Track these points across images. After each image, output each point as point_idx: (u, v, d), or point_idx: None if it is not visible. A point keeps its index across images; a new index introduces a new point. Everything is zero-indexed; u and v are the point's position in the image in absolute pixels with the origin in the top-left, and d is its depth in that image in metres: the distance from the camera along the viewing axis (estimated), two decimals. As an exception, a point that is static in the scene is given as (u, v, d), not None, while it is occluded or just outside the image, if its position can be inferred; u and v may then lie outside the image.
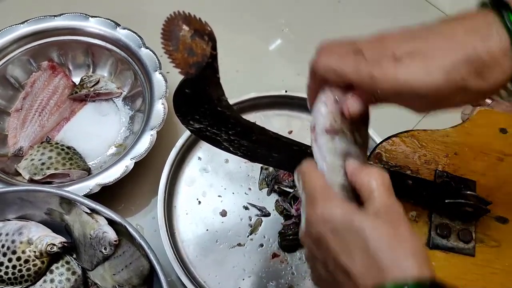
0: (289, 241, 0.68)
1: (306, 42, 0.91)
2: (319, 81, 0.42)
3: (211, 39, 0.38)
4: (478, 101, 0.39)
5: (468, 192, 0.53)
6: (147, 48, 0.74)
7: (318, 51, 0.41)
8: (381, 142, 0.60)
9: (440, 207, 0.54)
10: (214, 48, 0.38)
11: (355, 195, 0.40)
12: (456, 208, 0.53)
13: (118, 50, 0.77)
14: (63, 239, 0.62)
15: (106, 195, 0.68)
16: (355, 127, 0.41)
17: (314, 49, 0.43)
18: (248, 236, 0.69)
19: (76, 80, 0.80)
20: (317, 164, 0.42)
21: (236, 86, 0.77)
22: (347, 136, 0.41)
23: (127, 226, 0.57)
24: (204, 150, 0.75)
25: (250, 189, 0.73)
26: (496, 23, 0.36)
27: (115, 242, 0.58)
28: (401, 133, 0.60)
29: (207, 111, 0.45)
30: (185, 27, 0.36)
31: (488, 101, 0.82)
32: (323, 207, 0.38)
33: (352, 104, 0.39)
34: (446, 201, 0.52)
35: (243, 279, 0.66)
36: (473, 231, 0.53)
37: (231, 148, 0.50)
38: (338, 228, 0.37)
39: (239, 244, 0.69)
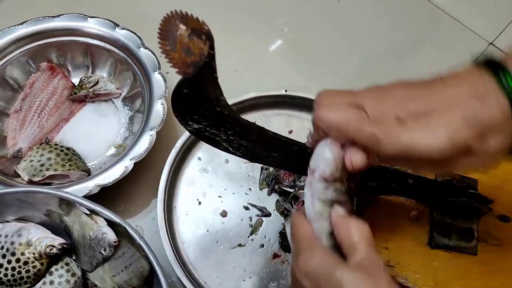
0: (289, 241, 0.67)
1: (306, 42, 0.91)
2: (322, 132, 0.41)
3: (209, 38, 0.37)
4: (489, 166, 0.39)
5: (470, 190, 0.52)
6: (146, 48, 0.74)
7: (318, 103, 0.40)
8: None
9: (441, 206, 0.53)
10: (211, 47, 0.38)
11: None
12: (458, 207, 0.52)
13: (117, 51, 0.76)
14: (63, 241, 0.61)
15: (106, 196, 0.68)
16: (352, 177, 0.41)
17: (314, 49, 0.43)
18: (248, 237, 0.69)
19: (75, 81, 0.80)
20: (306, 209, 0.42)
21: (235, 86, 0.76)
22: (343, 186, 0.41)
23: (127, 227, 0.57)
24: (204, 151, 0.75)
25: (250, 189, 0.72)
26: (493, 85, 0.36)
27: (114, 243, 0.57)
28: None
29: (205, 111, 0.44)
30: (182, 26, 0.36)
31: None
32: (305, 259, 0.38)
33: (356, 157, 0.38)
34: (448, 199, 0.52)
35: (244, 280, 0.66)
36: (475, 230, 0.53)
37: (230, 149, 0.50)
38: (319, 282, 0.37)
39: (239, 245, 0.68)
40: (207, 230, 0.69)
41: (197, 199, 0.71)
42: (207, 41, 0.37)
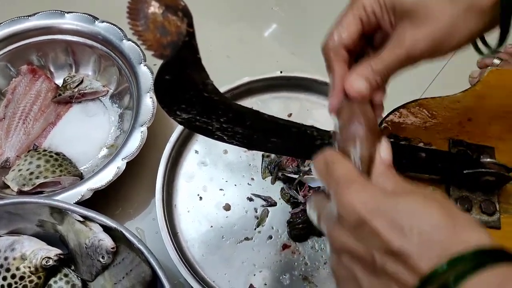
0: (299, 230, 0.64)
1: (298, 20, 0.87)
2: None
3: (186, 15, 0.33)
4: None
5: (488, 159, 0.48)
6: (129, 40, 0.70)
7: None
8: (387, 116, 0.56)
9: (458, 179, 0.49)
10: (190, 25, 0.33)
11: None
12: (476, 179, 0.48)
13: (99, 46, 0.72)
14: (59, 251, 0.58)
15: (101, 200, 0.65)
16: None
17: (307, 26, 0.40)
18: (255, 229, 0.65)
19: (59, 82, 0.76)
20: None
21: (228, 72, 0.73)
22: None
23: (123, 231, 0.54)
24: (201, 142, 0.71)
25: (253, 179, 0.69)
26: None
27: (112, 250, 0.54)
28: (408, 103, 0.56)
29: (193, 98, 0.40)
30: (154, 3, 0.32)
31: (496, 61, 0.77)
32: (361, 188, 0.32)
33: (358, 84, 0.40)
34: (464, 172, 0.48)
35: (254, 275, 0.63)
36: (496, 202, 0.49)
37: (225, 137, 0.46)
38: (383, 207, 0.30)
39: (246, 238, 0.65)
40: (211, 226, 0.66)
41: (198, 195, 0.68)
42: (184, 18, 0.33)
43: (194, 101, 0.41)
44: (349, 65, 0.42)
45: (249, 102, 0.73)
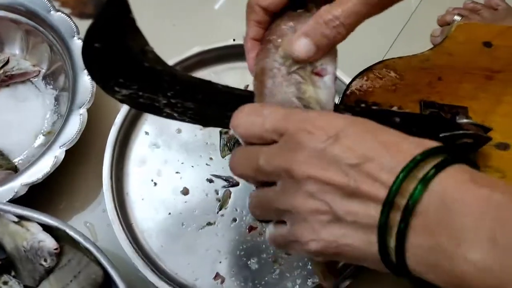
0: (264, 210, 0.59)
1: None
2: None
3: (111, -37, 0.27)
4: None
5: (465, 120, 0.45)
6: (58, 11, 0.61)
7: None
8: (352, 80, 0.51)
9: (433, 144, 0.46)
10: (117, -25, 0.27)
11: None
12: (452, 142, 0.45)
13: (24, 19, 0.63)
14: (-6, 257, 0.50)
15: (42, 194, 0.58)
16: None
17: None
18: (217, 213, 0.60)
19: (-20, 64, 0.67)
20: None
21: (174, 42, 0.66)
22: None
23: (66, 229, 0.47)
24: (151, 123, 0.64)
25: (211, 158, 0.63)
26: None
27: (55, 251, 0.47)
28: (374, 65, 0.52)
29: (131, 70, 0.34)
30: None
31: (457, 17, 0.74)
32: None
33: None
34: (440, 135, 0.44)
35: (220, 262, 0.58)
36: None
37: (175, 114, 0.40)
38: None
39: (209, 223, 0.60)
40: (169, 213, 0.60)
41: (152, 180, 0.61)
42: (109, -33, 0.26)
43: (133, 73, 0.34)
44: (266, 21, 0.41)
45: (201, 75, 0.67)
